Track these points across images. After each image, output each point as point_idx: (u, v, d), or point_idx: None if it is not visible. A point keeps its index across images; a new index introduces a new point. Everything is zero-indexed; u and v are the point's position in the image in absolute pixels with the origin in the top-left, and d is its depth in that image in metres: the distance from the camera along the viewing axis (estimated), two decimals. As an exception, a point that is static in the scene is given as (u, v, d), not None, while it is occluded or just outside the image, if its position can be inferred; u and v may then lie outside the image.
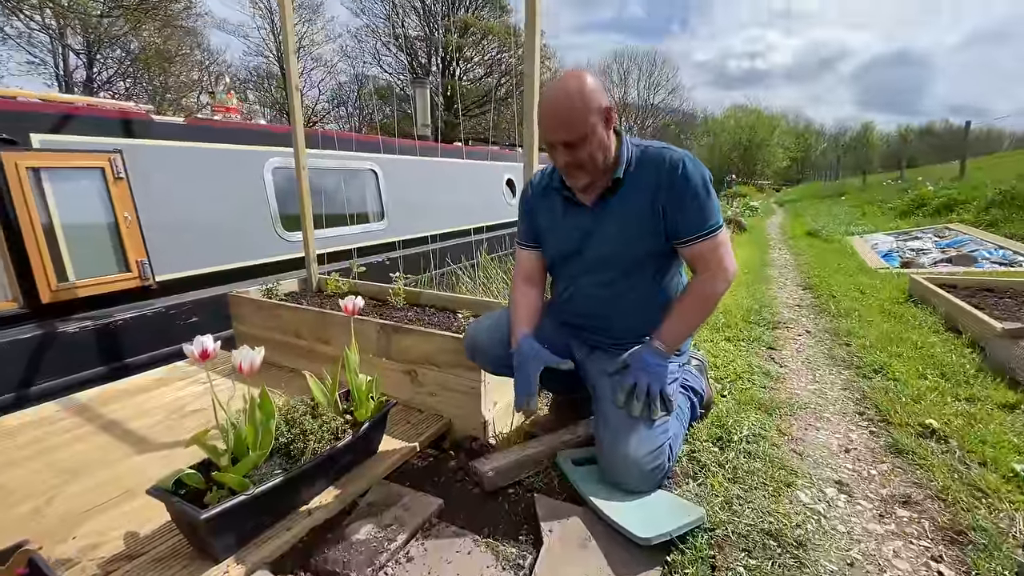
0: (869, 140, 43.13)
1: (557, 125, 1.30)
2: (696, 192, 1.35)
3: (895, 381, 2.16)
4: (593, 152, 1.33)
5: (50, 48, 17.36)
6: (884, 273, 4.57)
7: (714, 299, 1.41)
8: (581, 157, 1.33)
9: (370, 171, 4.77)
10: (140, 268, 2.93)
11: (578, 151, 1.32)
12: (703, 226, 1.36)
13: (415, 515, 1.32)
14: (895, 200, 10.51)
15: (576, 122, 1.28)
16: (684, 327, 1.41)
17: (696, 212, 1.35)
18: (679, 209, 1.36)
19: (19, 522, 1.33)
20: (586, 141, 1.30)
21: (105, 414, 1.97)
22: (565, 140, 1.31)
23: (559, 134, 1.31)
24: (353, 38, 26.47)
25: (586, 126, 1.29)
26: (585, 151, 1.32)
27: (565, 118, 1.29)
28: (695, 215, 1.36)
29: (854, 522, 1.31)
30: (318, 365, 2.12)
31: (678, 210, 1.36)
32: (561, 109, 1.29)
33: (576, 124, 1.28)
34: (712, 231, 1.37)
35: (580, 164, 1.34)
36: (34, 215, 2.54)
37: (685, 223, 1.37)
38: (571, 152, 1.32)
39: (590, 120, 1.29)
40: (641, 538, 1.16)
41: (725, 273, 1.39)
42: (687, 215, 1.36)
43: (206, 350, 1.11)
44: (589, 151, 1.32)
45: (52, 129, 2.66)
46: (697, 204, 1.35)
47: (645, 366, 1.34)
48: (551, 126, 1.32)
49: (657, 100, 39.11)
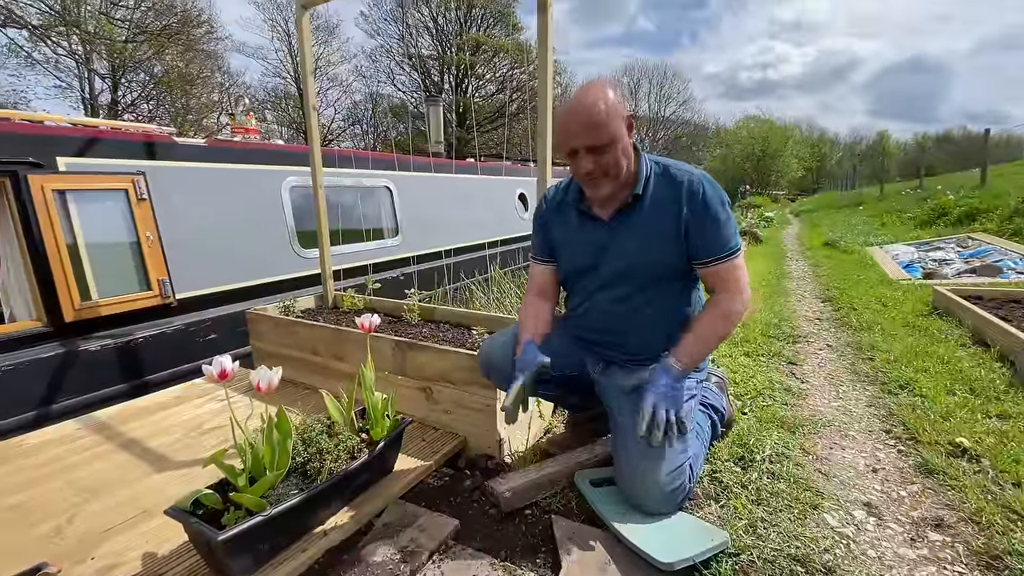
0: (886, 148, 42.58)
1: (584, 130, 1.29)
2: (716, 215, 1.35)
3: (922, 397, 2.09)
4: (618, 158, 1.32)
5: (76, 73, 18.04)
6: (906, 285, 4.47)
7: (734, 318, 1.38)
8: (607, 163, 1.32)
9: (385, 188, 4.83)
10: (161, 286, 2.98)
11: (604, 156, 1.31)
12: (723, 248, 1.37)
13: (432, 537, 1.30)
14: (915, 209, 10.33)
15: (603, 126, 1.28)
16: (702, 346, 1.38)
17: (716, 235, 1.36)
18: (700, 232, 1.36)
19: (39, 542, 1.34)
20: (612, 146, 1.30)
21: (125, 432, 1.99)
22: (592, 145, 1.30)
23: (586, 139, 1.30)
24: (368, 58, 27.08)
25: (613, 131, 1.29)
26: (611, 156, 1.31)
27: (592, 122, 1.28)
28: (715, 238, 1.36)
29: (885, 546, 1.26)
30: (334, 382, 2.13)
31: (699, 233, 1.36)
32: (588, 114, 1.28)
33: (603, 128, 1.28)
34: (731, 254, 1.37)
35: (606, 171, 1.33)
36: (59, 236, 2.61)
37: (705, 245, 1.37)
38: (597, 158, 1.31)
39: (616, 125, 1.29)
40: (663, 563, 1.13)
41: (743, 295, 1.38)
42: (707, 238, 1.36)
43: (225, 370, 1.12)
44: (615, 157, 1.31)
45: (78, 152, 2.74)
46: (717, 227, 1.35)
47: (661, 391, 1.28)
48: (577, 131, 1.31)
49: (668, 112, 39.19)
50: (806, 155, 42.76)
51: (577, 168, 1.36)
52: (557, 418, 2.09)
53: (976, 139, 22.46)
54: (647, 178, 1.40)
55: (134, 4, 16.49)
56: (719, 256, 1.37)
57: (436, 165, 5.67)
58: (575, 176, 1.42)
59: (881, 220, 10.57)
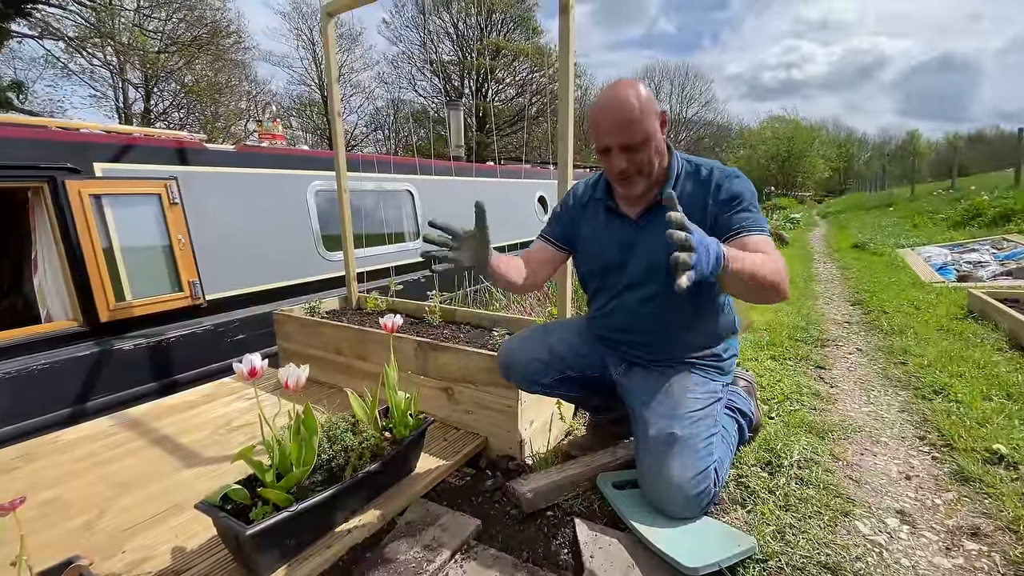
0: (916, 148, 41.35)
1: (618, 128, 1.27)
2: (741, 199, 1.31)
3: (957, 403, 2.02)
4: (652, 156, 1.31)
5: (111, 83, 18.73)
6: (940, 287, 4.33)
7: (781, 271, 1.19)
8: (641, 161, 1.30)
9: (407, 192, 4.88)
10: (192, 288, 3.06)
11: (639, 154, 1.29)
12: (752, 226, 1.29)
13: (454, 536, 1.30)
14: (947, 210, 10.00)
15: (637, 123, 1.26)
16: (749, 264, 1.12)
17: (742, 215, 1.30)
18: (726, 216, 1.31)
19: (72, 536, 1.39)
20: (646, 144, 1.28)
21: (156, 429, 2.04)
22: (627, 143, 1.28)
23: (619, 137, 1.28)
24: (390, 64, 27.49)
25: (647, 128, 1.27)
26: (645, 155, 1.29)
27: (626, 119, 1.26)
28: (742, 218, 1.30)
29: (919, 555, 1.22)
30: (358, 381, 2.15)
31: (725, 217, 1.31)
32: (622, 111, 1.26)
33: (637, 126, 1.26)
34: (761, 230, 1.29)
35: (639, 168, 1.31)
36: (95, 239, 2.70)
37: (731, 224, 1.29)
38: (631, 156, 1.29)
39: (650, 122, 1.28)
40: (689, 568, 1.11)
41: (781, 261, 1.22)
42: (733, 219, 1.30)
43: (254, 368, 1.14)
44: (649, 155, 1.30)
45: (113, 158, 2.84)
46: (741, 208, 1.31)
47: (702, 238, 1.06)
48: (610, 129, 1.29)
49: (690, 114, 38.75)
50: (833, 155, 41.81)
51: (610, 166, 1.33)
52: (578, 420, 2.08)
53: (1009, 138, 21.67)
54: (678, 175, 1.39)
55: (166, 16, 17.04)
56: (749, 230, 1.27)
57: (457, 169, 5.71)
58: (607, 174, 1.40)
59: (912, 221, 10.25)
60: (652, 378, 1.46)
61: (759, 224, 1.30)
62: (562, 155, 1.92)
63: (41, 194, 2.60)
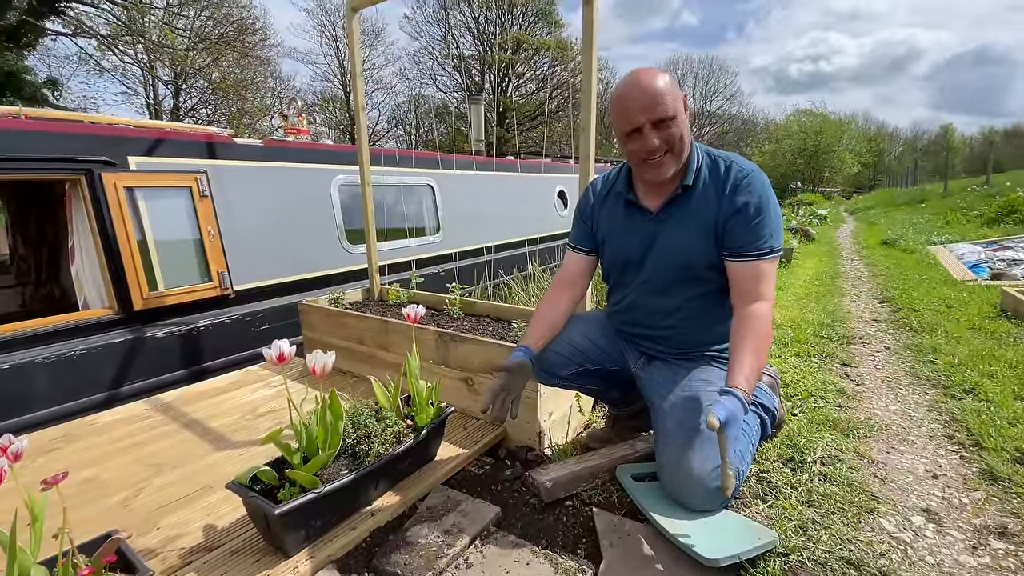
0: (950, 143, 39.93)
1: (649, 104, 1.25)
2: (749, 210, 1.30)
3: (988, 402, 1.97)
4: (682, 132, 1.29)
5: (141, 80, 19.24)
6: (972, 285, 4.19)
7: (765, 335, 1.27)
8: (673, 137, 1.28)
9: (427, 186, 4.92)
10: (220, 278, 3.15)
11: (670, 130, 1.27)
12: (750, 246, 1.31)
13: (474, 522, 1.32)
14: (982, 207, 9.68)
15: (667, 96, 1.25)
16: (757, 373, 1.23)
17: (746, 230, 1.31)
18: (730, 226, 1.32)
19: (110, 512, 1.45)
20: (676, 120, 1.27)
21: (187, 413, 2.11)
22: (660, 117, 1.26)
23: (651, 112, 1.26)
24: (411, 60, 27.62)
25: (676, 103, 1.26)
26: (676, 129, 1.28)
27: (658, 94, 1.25)
28: (744, 233, 1.31)
29: (944, 553, 1.20)
30: (380, 371, 2.19)
31: (729, 227, 1.32)
32: (651, 86, 1.25)
33: (667, 102, 1.25)
34: (758, 254, 1.31)
35: (671, 145, 1.29)
36: (130, 229, 2.79)
37: (732, 240, 1.32)
38: (663, 132, 1.28)
39: (677, 100, 1.27)
40: (708, 559, 1.11)
41: (763, 303, 1.29)
42: (736, 232, 1.32)
43: (283, 353, 1.18)
44: (679, 131, 1.29)
45: (146, 152, 2.93)
46: (747, 222, 1.30)
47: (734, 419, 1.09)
48: (641, 106, 1.26)
49: (714, 107, 38.09)
50: (863, 149, 40.63)
51: (641, 146, 1.30)
52: (597, 414, 2.08)
53: (1052, 133, 20.75)
54: (698, 168, 1.37)
55: (194, 14, 17.40)
56: (743, 253, 1.31)
57: (477, 163, 5.73)
58: (634, 160, 1.36)
59: (945, 218, 9.94)
60: (671, 371, 1.46)
61: (758, 243, 1.30)
62: (584, 147, 1.92)
63: (79, 186, 2.69)
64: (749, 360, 1.21)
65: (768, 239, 1.31)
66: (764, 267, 1.31)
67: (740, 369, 1.19)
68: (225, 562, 1.20)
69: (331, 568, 1.19)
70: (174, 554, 1.24)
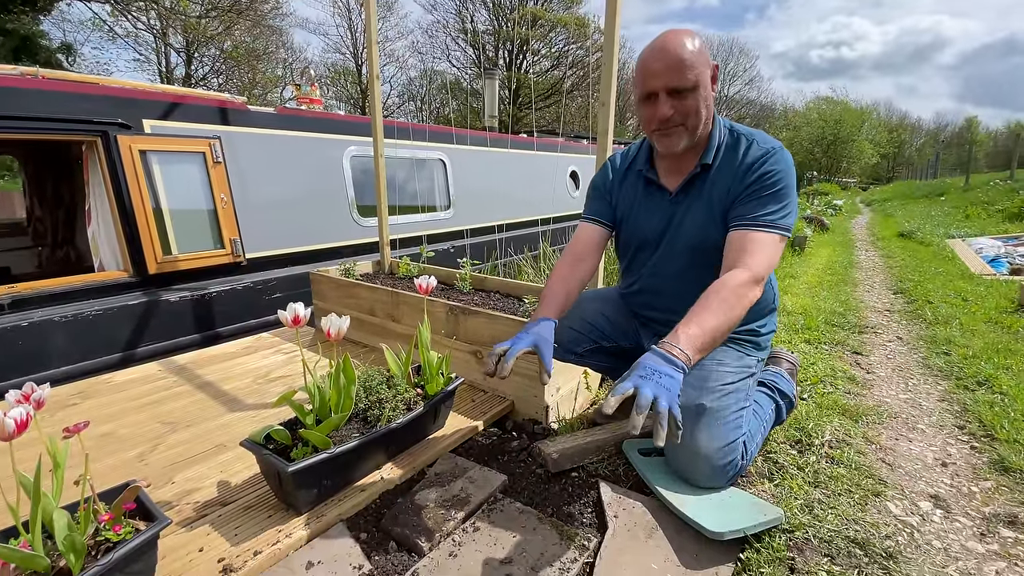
0: (973, 136, 38.90)
1: (667, 69, 1.19)
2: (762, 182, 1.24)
3: (1002, 395, 1.95)
4: (699, 107, 1.24)
5: (154, 47, 19.11)
6: (990, 280, 4.13)
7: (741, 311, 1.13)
8: (688, 109, 1.22)
9: (439, 161, 4.88)
10: (233, 246, 3.16)
11: (686, 101, 1.22)
12: (756, 217, 1.22)
13: (481, 488, 1.34)
14: (1004, 202, 9.46)
15: (689, 67, 1.19)
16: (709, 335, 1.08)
17: (756, 201, 1.23)
18: (740, 197, 1.26)
19: (127, 465, 1.49)
20: (695, 92, 1.22)
21: (200, 376, 2.15)
22: (676, 86, 1.20)
23: (668, 79, 1.20)
24: (425, 33, 27.21)
25: (698, 74, 1.20)
26: (692, 103, 1.22)
27: (678, 60, 1.18)
28: (754, 204, 1.23)
29: (952, 539, 1.20)
30: (390, 342, 2.20)
31: (739, 198, 1.26)
32: (676, 51, 1.19)
33: (689, 69, 1.19)
34: (763, 225, 1.20)
35: (684, 119, 1.24)
36: (144, 193, 2.80)
37: (738, 211, 1.24)
38: (677, 102, 1.22)
39: (702, 69, 1.21)
40: (713, 532, 1.12)
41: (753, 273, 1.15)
42: (745, 203, 1.24)
43: (297, 316, 1.19)
44: (696, 105, 1.23)
45: (162, 116, 2.92)
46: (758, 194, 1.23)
47: (648, 372, 0.98)
48: (660, 70, 1.20)
49: (733, 92, 37.29)
50: (883, 140, 39.75)
51: (653, 114, 1.25)
52: (604, 391, 2.09)
53: (1082, 127, 20.12)
54: (719, 146, 1.33)
55: (207, -21, 17.20)
56: (739, 223, 1.22)
57: (491, 140, 5.66)
58: (647, 126, 1.31)
59: (965, 212, 9.74)
60: None
61: (765, 215, 1.21)
62: (603, 123, 1.89)
63: (95, 148, 2.70)
64: (700, 316, 1.09)
65: (772, 213, 1.22)
66: (756, 236, 1.20)
67: (684, 324, 1.08)
68: (239, 516, 1.23)
69: (341, 526, 1.22)
70: (189, 507, 1.27)
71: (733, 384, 1.34)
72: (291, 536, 1.15)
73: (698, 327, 1.07)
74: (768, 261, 1.19)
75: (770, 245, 1.21)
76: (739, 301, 1.12)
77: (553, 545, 1.15)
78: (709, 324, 1.08)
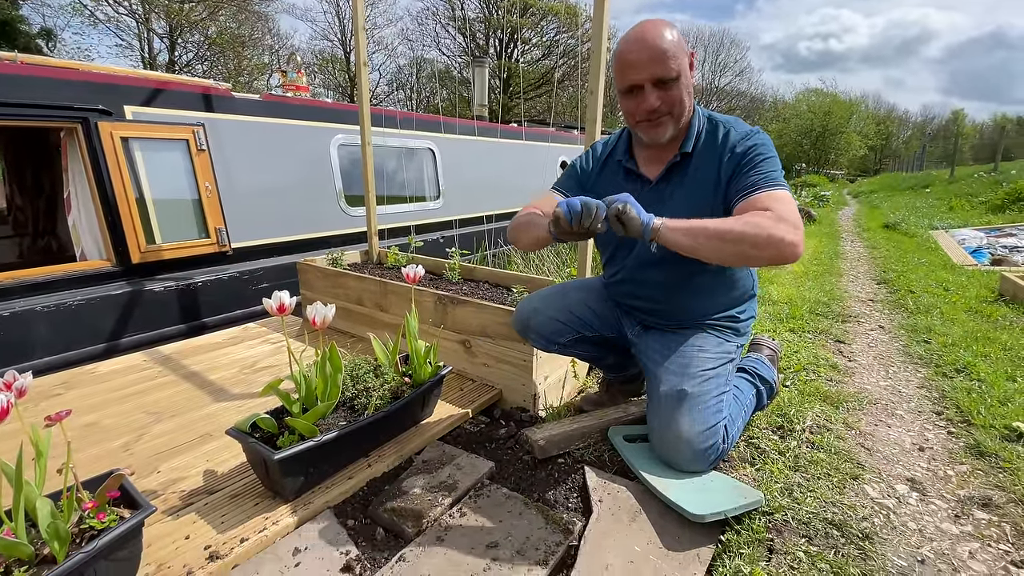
0: (959, 129, 39.40)
1: (651, 61, 1.20)
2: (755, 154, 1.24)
3: (980, 382, 1.99)
4: (683, 95, 1.25)
5: (136, 32, 18.66)
6: (972, 270, 4.21)
7: (764, 235, 1.08)
8: (673, 99, 1.24)
9: (428, 150, 4.85)
10: (218, 235, 3.12)
11: (672, 91, 1.23)
12: (760, 182, 1.20)
13: (468, 475, 1.35)
14: (987, 194, 9.61)
15: (672, 55, 1.20)
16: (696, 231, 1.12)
17: (754, 170, 1.23)
18: (736, 173, 1.25)
19: (112, 454, 1.48)
20: (679, 81, 1.23)
21: (186, 366, 2.13)
22: (661, 76, 1.21)
23: (653, 70, 1.21)
24: (414, 21, 26.85)
25: (680, 62, 1.22)
26: (677, 92, 1.24)
27: (661, 52, 1.19)
28: (753, 173, 1.22)
29: (927, 520, 1.24)
30: (378, 331, 2.20)
31: (736, 175, 1.25)
32: (656, 43, 1.19)
33: (671, 59, 1.20)
34: (770, 185, 1.19)
35: (671, 108, 1.26)
36: (127, 181, 2.76)
37: (740, 184, 1.23)
38: (663, 93, 1.23)
39: (683, 58, 1.23)
40: (694, 515, 1.14)
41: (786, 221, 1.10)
42: (743, 176, 1.23)
43: (283, 304, 1.18)
44: (680, 94, 1.25)
45: (144, 102, 2.86)
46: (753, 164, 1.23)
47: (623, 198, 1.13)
48: (643, 62, 1.21)
49: (723, 83, 37.31)
50: (871, 132, 40.09)
51: (638, 105, 1.26)
52: (591, 379, 2.11)
53: (1065, 121, 20.39)
54: (698, 134, 1.34)
55: (190, -37, 16.80)
56: (750, 190, 1.20)
57: (480, 129, 5.63)
58: (632, 118, 1.33)
59: (949, 204, 9.88)
60: (666, 338, 1.47)
61: (769, 181, 1.20)
62: (591, 111, 1.89)
63: (75, 135, 2.64)
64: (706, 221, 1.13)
65: (771, 174, 1.22)
66: (764, 196, 1.18)
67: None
68: (225, 504, 1.23)
69: (328, 513, 1.23)
70: (175, 496, 1.27)
71: (714, 370, 1.36)
72: (278, 523, 1.16)
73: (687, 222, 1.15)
74: (786, 208, 1.14)
75: (781, 198, 1.17)
76: (757, 224, 1.09)
77: (539, 529, 1.16)
78: (702, 222, 1.14)
